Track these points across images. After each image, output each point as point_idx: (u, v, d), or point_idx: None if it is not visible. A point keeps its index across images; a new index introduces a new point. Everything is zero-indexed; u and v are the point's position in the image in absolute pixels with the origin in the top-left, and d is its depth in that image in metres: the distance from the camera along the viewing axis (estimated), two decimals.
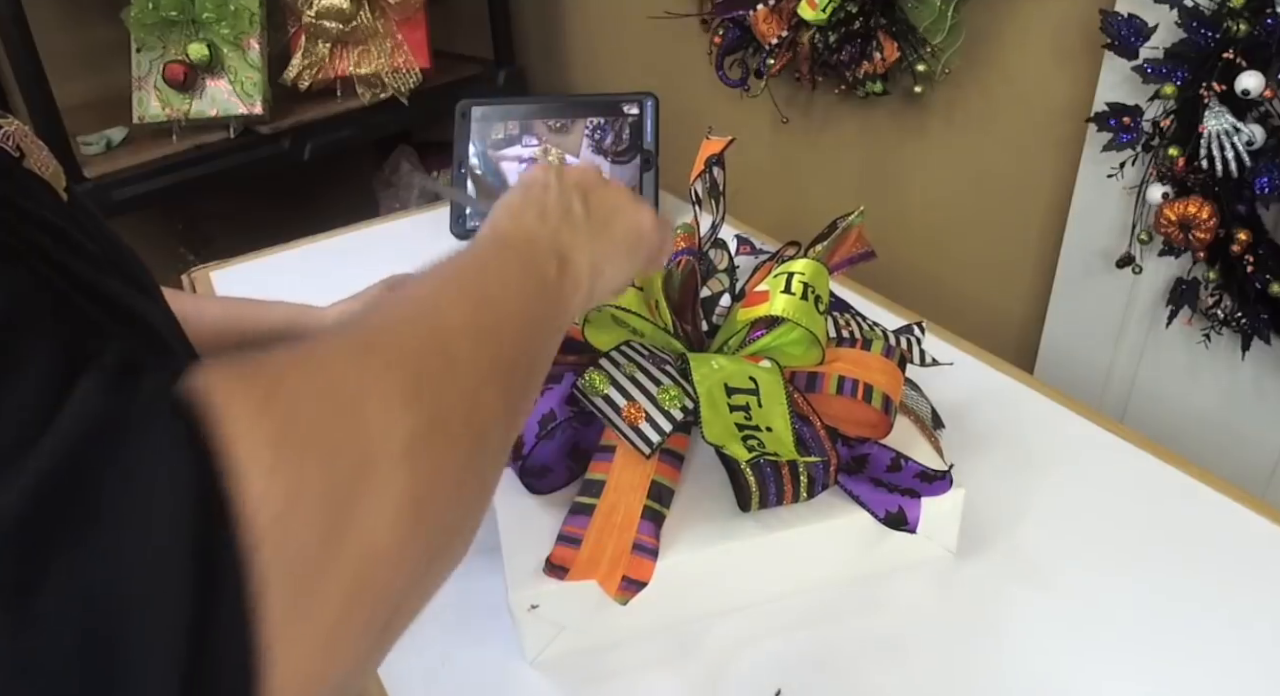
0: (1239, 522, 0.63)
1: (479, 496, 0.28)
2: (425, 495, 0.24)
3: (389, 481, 0.23)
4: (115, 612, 0.19)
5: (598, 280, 0.39)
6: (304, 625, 0.22)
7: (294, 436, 0.22)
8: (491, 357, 0.29)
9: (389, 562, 0.24)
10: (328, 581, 0.22)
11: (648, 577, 0.51)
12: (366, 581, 0.23)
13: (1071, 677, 0.52)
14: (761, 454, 0.48)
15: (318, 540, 0.22)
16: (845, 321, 0.64)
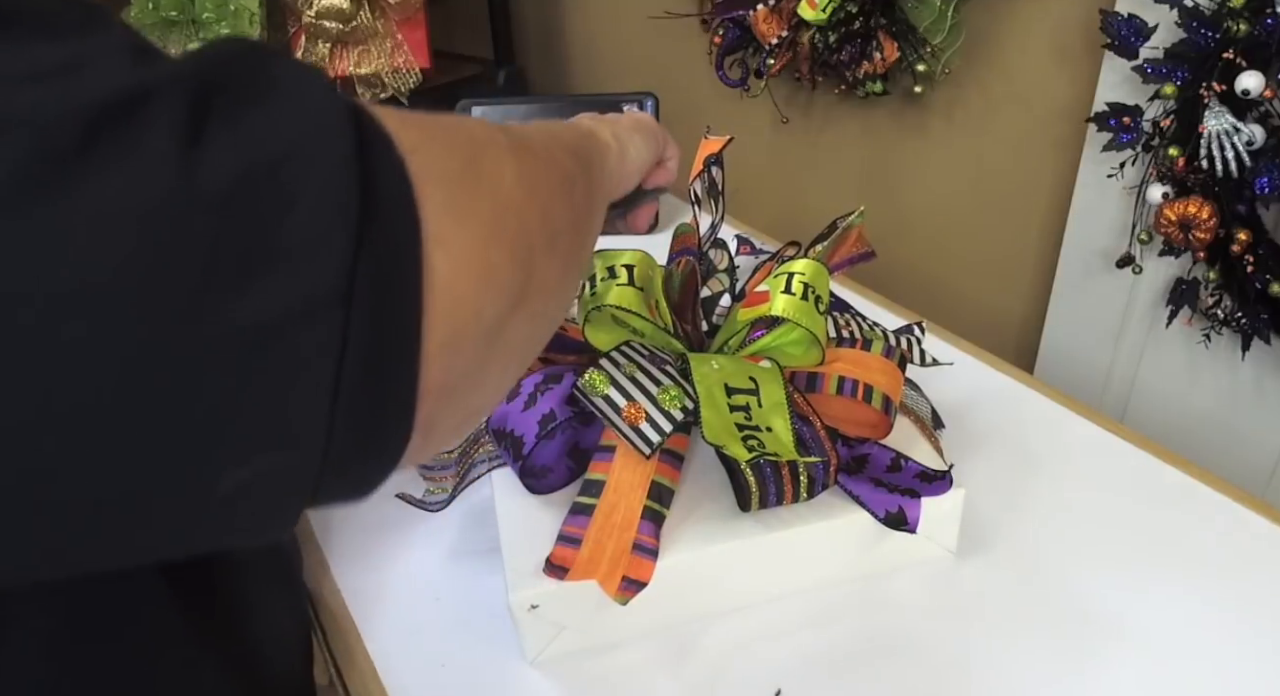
0: (1239, 522, 0.63)
1: (561, 204, 0.30)
2: (530, 183, 0.28)
3: (503, 157, 0.27)
4: (284, 163, 0.20)
5: (625, 148, 0.42)
6: (460, 227, 0.24)
7: (424, 123, 0.25)
8: (560, 170, 0.31)
9: (519, 209, 0.27)
10: (475, 198, 0.25)
11: (648, 578, 0.51)
12: (504, 212, 0.26)
13: (1072, 677, 0.52)
14: (761, 454, 0.48)
15: (460, 165, 0.25)
16: (845, 321, 0.64)
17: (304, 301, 0.20)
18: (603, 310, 0.55)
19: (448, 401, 0.25)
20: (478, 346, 0.25)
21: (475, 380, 0.26)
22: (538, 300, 0.28)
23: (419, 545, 0.62)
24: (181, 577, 0.37)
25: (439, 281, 0.23)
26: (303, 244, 0.20)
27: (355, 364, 0.21)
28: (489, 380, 0.27)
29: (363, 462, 0.23)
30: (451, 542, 0.63)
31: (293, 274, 0.20)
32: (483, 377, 0.26)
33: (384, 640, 0.56)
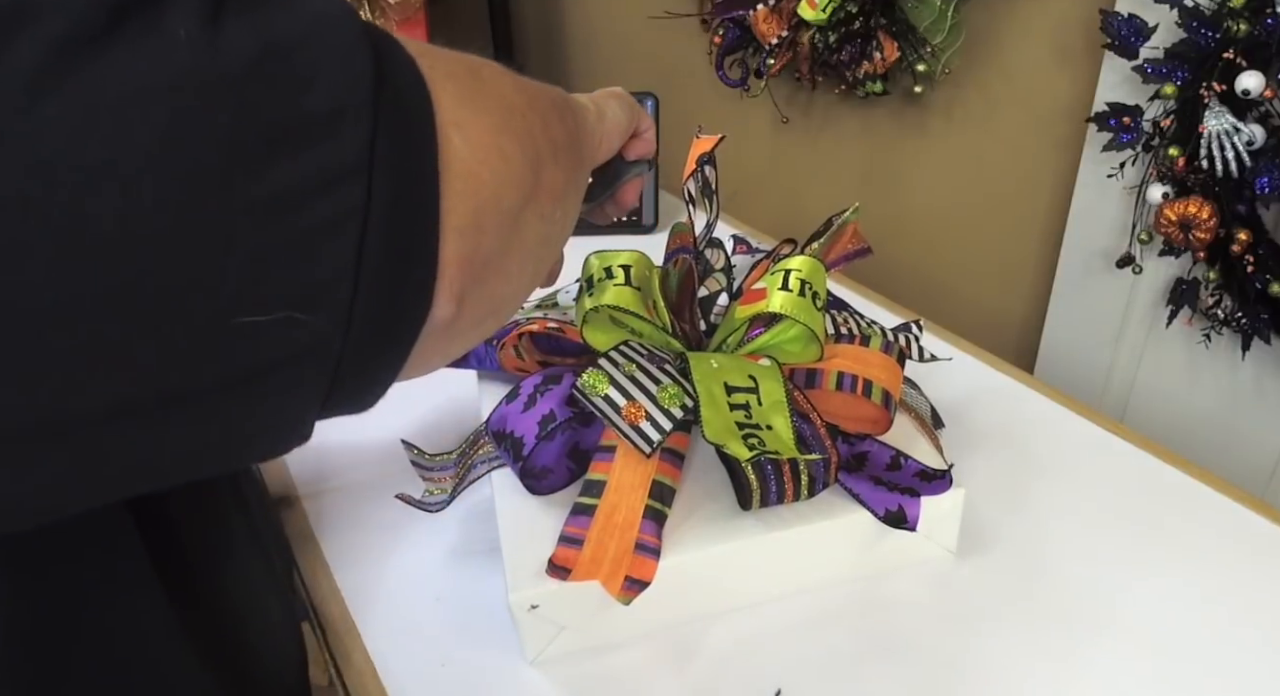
0: (1239, 522, 0.63)
1: (542, 111, 0.31)
2: (528, 95, 0.30)
3: (499, 71, 0.29)
4: (301, 45, 0.21)
5: (602, 111, 0.43)
6: (474, 115, 0.26)
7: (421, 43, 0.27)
8: (549, 96, 0.33)
9: (523, 112, 0.28)
10: (483, 95, 0.27)
11: (650, 577, 0.51)
12: (511, 111, 0.28)
13: (1072, 676, 0.52)
14: (762, 452, 0.48)
15: (464, 69, 0.27)
16: (843, 319, 0.64)
17: (326, 172, 0.21)
18: (600, 311, 0.55)
19: (476, 278, 0.26)
20: (500, 229, 0.27)
21: (499, 266, 0.27)
22: (547, 202, 0.30)
23: (419, 545, 0.62)
24: (169, 579, 0.37)
25: (458, 162, 0.25)
26: (322, 118, 0.21)
27: (376, 232, 0.22)
28: (512, 272, 0.28)
29: (386, 332, 0.24)
30: (451, 542, 0.63)
31: (314, 146, 0.21)
32: (506, 267, 0.28)
33: (384, 640, 0.56)
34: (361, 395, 0.25)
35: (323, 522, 0.65)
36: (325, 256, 0.22)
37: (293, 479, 0.70)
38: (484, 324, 0.29)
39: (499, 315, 0.30)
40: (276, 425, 0.24)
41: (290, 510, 0.67)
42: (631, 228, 1.12)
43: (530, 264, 0.30)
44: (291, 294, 0.21)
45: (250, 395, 0.22)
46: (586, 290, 0.56)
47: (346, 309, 0.22)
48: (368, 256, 0.22)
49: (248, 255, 0.21)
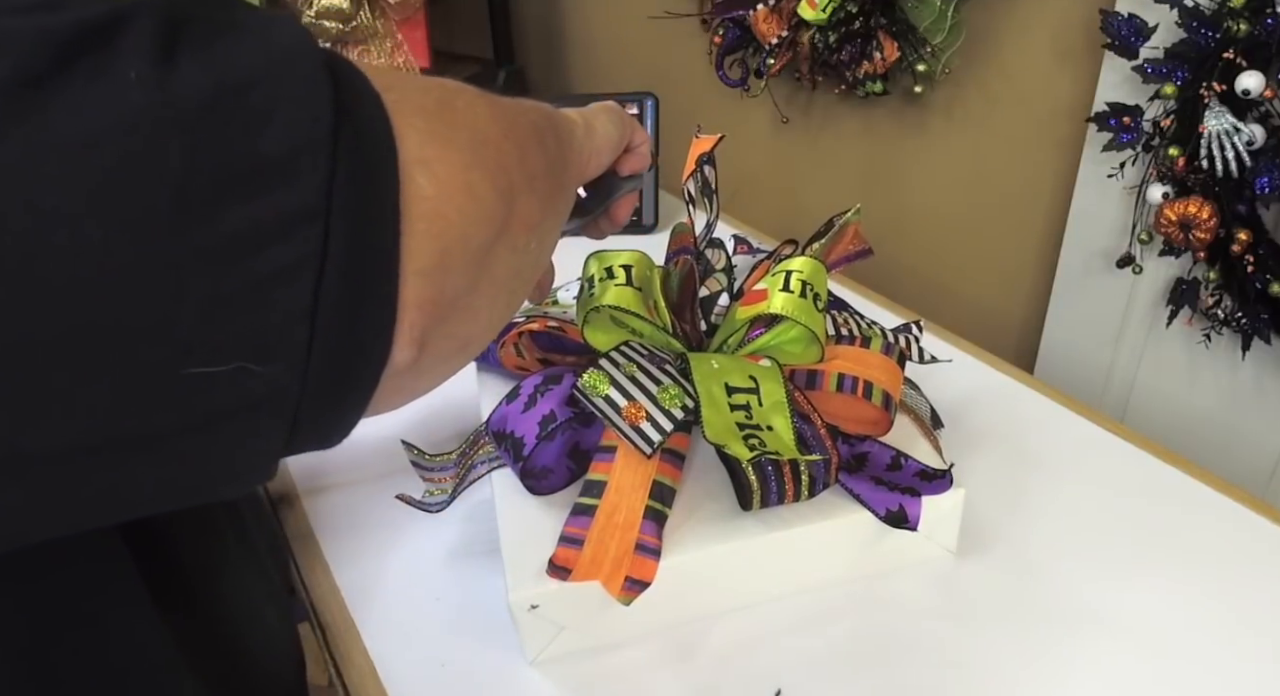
0: (1239, 522, 0.63)
1: (532, 148, 0.31)
2: (505, 124, 0.29)
3: (475, 100, 0.28)
4: (257, 84, 0.21)
5: (592, 126, 0.42)
6: (442, 150, 0.25)
7: (391, 72, 0.26)
8: (530, 120, 0.32)
9: (496, 144, 0.28)
10: (453, 128, 0.26)
11: (651, 577, 0.51)
12: (483, 144, 0.27)
13: (1072, 677, 0.52)
14: (763, 453, 0.48)
15: (434, 102, 0.26)
16: (844, 319, 0.64)
17: (281, 217, 0.21)
18: (601, 311, 0.55)
19: (440, 319, 0.25)
20: (467, 268, 0.26)
21: (466, 305, 0.27)
22: (520, 234, 0.29)
23: (419, 545, 0.62)
24: (160, 588, 0.37)
25: (422, 202, 0.24)
26: (278, 161, 0.21)
27: (333, 278, 0.22)
28: (480, 309, 0.28)
29: (344, 379, 0.24)
30: (451, 543, 0.63)
31: (269, 190, 0.21)
32: (473, 304, 0.27)
33: (384, 640, 0.56)
34: (324, 436, 0.25)
35: (322, 522, 0.65)
36: (280, 303, 0.21)
37: (293, 478, 0.70)
38: (450, 361, 0.29)
39: (467, 352, 0.29)
40: (238, 466, 0.23)
41: (290, 510, 0.67)
42: (632, 228, 1.12)
43: (502, 297, 0.29)
44: (245, 343, 0.21)
45: (208, 441, 0.22)
46: (587, 290, 0.56)
47: (303, 357, 0.22)
48: (324, 302, 0.22)
49: (199, 302, 0.20)
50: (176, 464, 0.22)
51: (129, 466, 0.21)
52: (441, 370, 0.29)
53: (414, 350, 0.25)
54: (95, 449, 0.20)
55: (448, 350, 0.27)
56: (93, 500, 0.22)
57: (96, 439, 0.20)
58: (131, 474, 0.22)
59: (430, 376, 0.28)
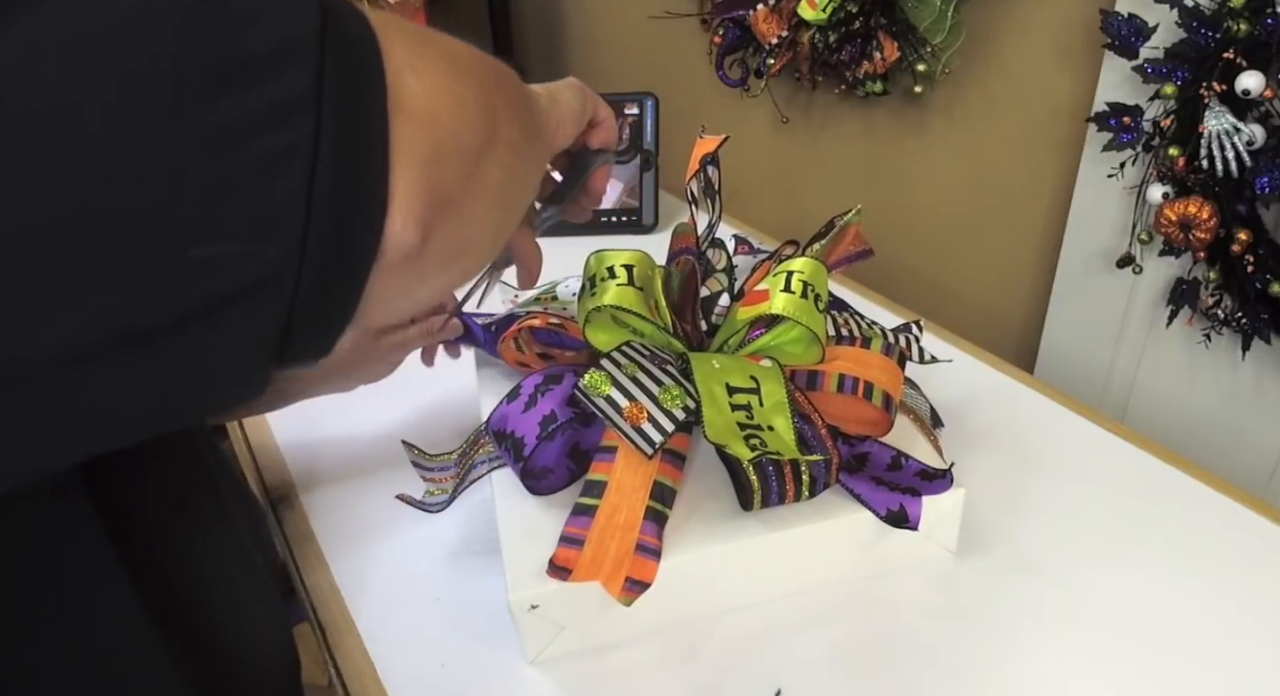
0: (1239, 522, 0.63)
1: (494, 75, 0.32)
2: (477, 57, 0.30)
3: (447, 37, 0.30)
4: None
5: (555, 96, 0.43)
6: (427, 62, 0.26)
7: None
8: (498, 65, 0.34)
9: (474, 69, 0.29)
10: (435, 48, 0.27)
11: (651, 578, 0.51)
12: (462, 64, 0.28)
13: (1071, 677, 0.52)
14: (764, 453, 0.48)
15: (413, 30, 0.27)
16: (844, 320, 0.64)
17: (272, 108, 0.22)
18: (603, 310, 0.55)
19: (441, 211, 0.26)
20: (461, 166, 0.27)
21: (463, 207, 0.28)
22: (505, 153, 0.30)
23: (419, 545, 0.62)
24: (151, 591, 0.36)
25: (413, 99, 0.25)
26: (266, 55, 0.22)
27: (326, 165, 0.23)
28: (475, 216, 0.29)
29: (340, 261, 0.24)
30: (451, 543, 0.63)
31: (260, 81, 0.22)
32: (468, 209, 0.28)
33: (384, 640, 0.56)
34: (319, 330, 0.25)
35: (322, 522, 0.65)
36: (277, 188, 0.22)
37: (293, 479, 0.70)
38: (449, 267, 0.29)
39: (464, 261, 0.30)
40: (234, 365, 0.24)
41: (290, 510, 0.67)
42: (632, 227, 1.12)
43: (494, 212, 0.30)
44: (245, 225, 0.22)
45: (207, 330, 0.22)
46: (589, 289, 0.56)
47: (299, 238, 0.23)
48: (319, 188, 0.23)
49: (199, 187, 0.21)
50: (176, 362, 0.23)
51: (130, 370, 0.22)
52: (441, 277, 0.29)
53: (418, 232, 0.26)
54: (99, 350, 0.21)
55: (447, 252, 0.28)
56: (93, 415, 0.22)
57: (101, 335, 0.21)
58: (132, 380, 0.22)
59: (430, 281, 0.28)
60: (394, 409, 0.75)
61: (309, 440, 0.73)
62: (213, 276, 0.22)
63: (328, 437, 0.74)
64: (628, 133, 1.10)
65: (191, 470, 0.44)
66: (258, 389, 0.25)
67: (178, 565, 0.41)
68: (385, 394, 0.76)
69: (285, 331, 0.24)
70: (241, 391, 0.25)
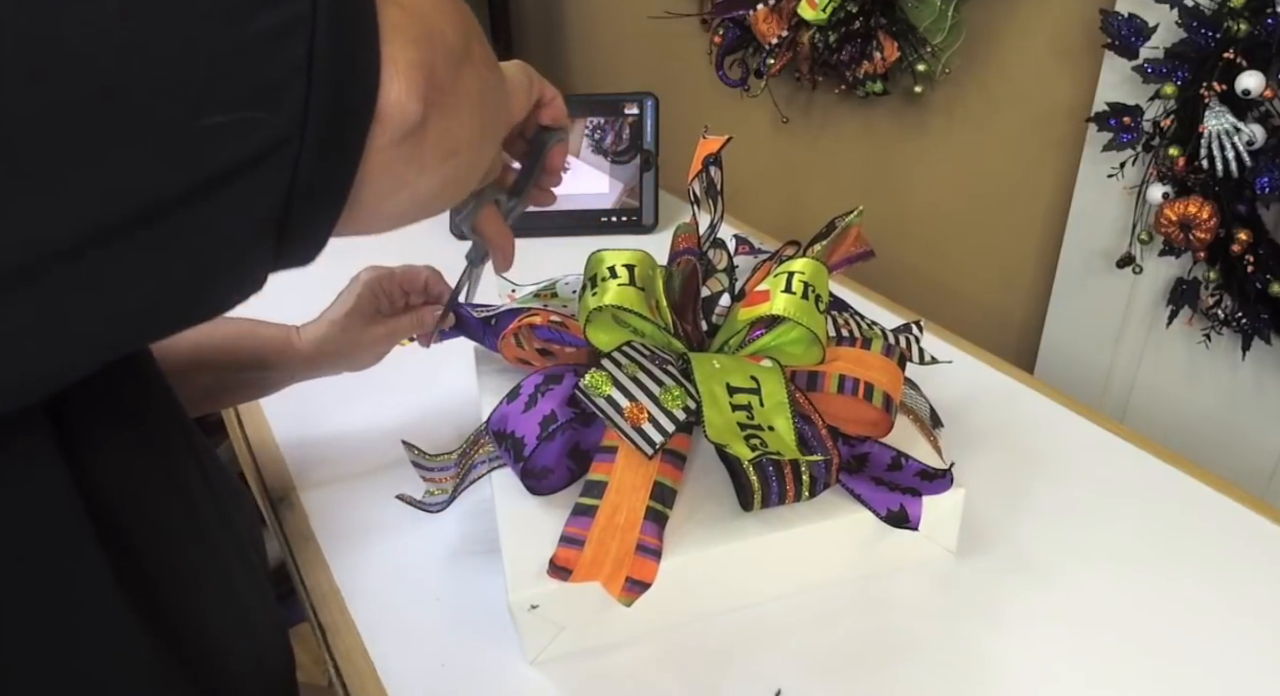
0: (1239, 522, 0.63)
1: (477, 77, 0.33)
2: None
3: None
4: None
5: (501, 72, 0.44)
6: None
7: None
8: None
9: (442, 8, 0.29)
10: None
11: (651, 578, 0.51)
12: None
13: (1071, 677, 0.52)
14: (764, 453, 0.48)
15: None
16: (844, 320, 0.64)
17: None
18: (604, 310, 0.55)
19: (437, 91, 0.28)
20: (448, 58, 0.28)
21: (452, 102, 0.29)
22: (482, 68, 0.31)
23: (419, 545, 0.62)
24: (135, 586, 0.36)
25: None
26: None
27: (324, 35, 0.24)
28: (462, 115, 0.30)
29: (339, 132, 0.26)
30: (451, 542, 0.63)
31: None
32: (457, 106, 0.29)
33: (384, 640, 0.56)
34: (319, 213, 0.26)
35: (322, 522, 0.65)
36: (279, 57, 0.24)
37: (292, 478, 0.70)
38: (444, 164, 0.30)
39: (457, 160, 0.31)
40: (236, 249, 0.25)
41: (290, 510, 0.67)
42: (632, 227, 1.12)
43: (477, 119, 0.31)
44: (251, 92, 0.23)
45: (213, 206, 0.24)
46: (590, 289, 0.56)
47: (301, 107, 0.24)
48: (317, 56, 0.24)
49: (207, 58, 0.22)
50: (182, 247, 0.24)
51: (140, 252, 0.23)
52: (436, 174, 0.30)
53: (419, 105, 0.27)
54: (112, 230, 0.22)
55: (442, 145, 0.29)
56: (101, 309, 0.23)
57: (117, 211, 0.22)
58: (140, 265, 0.23)
59: (427, 175, 0.30)
60: (394, 409, 0.75)
61: (309, 440, 0.73)
62: (220, 144, 0.23)
63: (328, 437, 0.74)
64: (625, 130, 1.10)
65: (181, 460, 0.44)
66: (256, 283, 0.27)
67: (165, 559, 0.41)
68: (385, 393, 0.76)
69: (285, 210, 0.25)
70: (242, 284, 0.26)
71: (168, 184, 0.23)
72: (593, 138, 1.10)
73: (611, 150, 1.10)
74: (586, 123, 1.10)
